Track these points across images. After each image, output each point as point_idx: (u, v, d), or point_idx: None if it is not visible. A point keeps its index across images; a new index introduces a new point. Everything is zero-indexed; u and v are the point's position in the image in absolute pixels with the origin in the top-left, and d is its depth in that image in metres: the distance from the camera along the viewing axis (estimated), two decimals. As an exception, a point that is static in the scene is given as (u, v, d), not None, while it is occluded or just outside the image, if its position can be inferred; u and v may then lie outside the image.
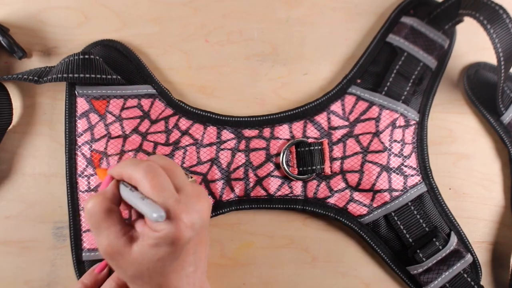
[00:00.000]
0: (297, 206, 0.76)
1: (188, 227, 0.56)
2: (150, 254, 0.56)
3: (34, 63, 0.78)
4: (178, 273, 0.60)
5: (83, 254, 0.74)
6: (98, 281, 0.72)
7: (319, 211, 0.76)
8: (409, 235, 0.75)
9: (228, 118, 0.76)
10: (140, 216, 0.60)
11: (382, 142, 0.75)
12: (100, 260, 0.74)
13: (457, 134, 0.80)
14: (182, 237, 0.56)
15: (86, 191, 0.74)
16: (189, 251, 0.60)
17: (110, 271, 0.72)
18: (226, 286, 0.78)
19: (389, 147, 0.75)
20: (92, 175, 0.74)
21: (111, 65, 0.75)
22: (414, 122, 0.77)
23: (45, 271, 0.77)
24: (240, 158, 0.76)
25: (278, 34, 0.80)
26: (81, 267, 0.75)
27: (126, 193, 0.59)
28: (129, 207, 0.62)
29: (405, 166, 0.76)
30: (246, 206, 0.76)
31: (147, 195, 0.56)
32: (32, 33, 0.78)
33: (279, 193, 0.76)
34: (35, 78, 0.72)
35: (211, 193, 0.76)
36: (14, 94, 0.77)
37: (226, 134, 0.76)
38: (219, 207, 0.76)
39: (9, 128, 0.76)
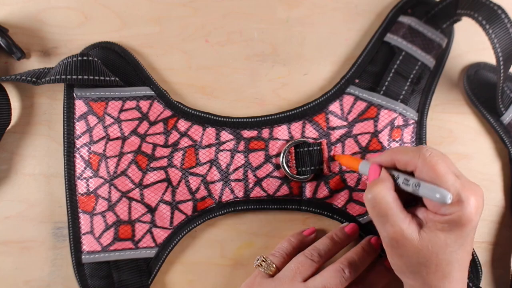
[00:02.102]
0: (297, 206, 0.76)
1: (476, 210, 0.56)
2: (440, 240, 0.57)
3: (33, 63, 0.78)
4: (460, 263, 0.59)
5: (83, 256, 0.74)
6: (304, 243, 0.74)
7: (319, 211, 0.76)
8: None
9: (227, 119, 0.76)
10: (417, 202, 0.62)
11: (380, 142, 0.75)
12: (100, 263, 0.74)
13: (457, 134, 0.80)
14: (472, 219, 0.56)
15: (85, 193, 0.74)
16: (470, 239, 0.59)
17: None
18: (226, 286, 0.78)
19: (387, 147, 0.75)
20: (90, 177, 0.74)
21: (109, 67, 0.75)
22: (412, 121, 0.77)
23: (45, 271, 0.77)
24: (239, 159, 0.76)
25: (278, 34, 0.80)
26: (81, 269, 0.74)
27: (401, 178, 0.60)
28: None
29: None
30: (245, 207, 0.76)
31: (429, 179, 0.57)
32: (31, 33, 0.78)
33: (278, 193, 0.76)
34: (34, 79, 0.72)
35: (211, 194, 0.76)
36: (13, 95, 0.77)
37: (225, 135, 0.76)
38: (218, 208, 0.76)
39: (8, 128, 0.76)
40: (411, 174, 0.61)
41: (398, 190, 0.61)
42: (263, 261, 0.71)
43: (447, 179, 0.56)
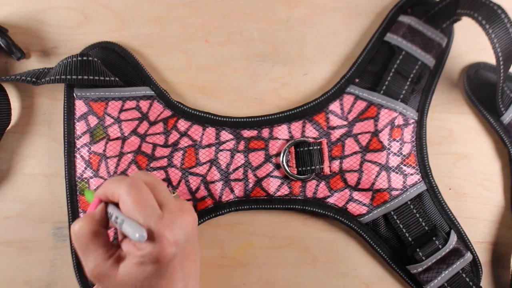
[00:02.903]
0: (297, 206, 0.76)
1: (171, 244, 0.55)
2: (136, 273, 0.56)
3: (33, 63, 0.78)
4: None
5: (83, 256, 0.74)
6: None
7: (319, 211, 0.76)
8: (408, 234, 0.75)
9: (227, 119, 0.76)
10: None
11: (381, 141, 0.75)
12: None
13: (457, 134, 0.80)
14: (166, 254, 0.55)
15: (85, 193, 0.74)
16: (176, 268, 0.59)
17: None
18: (226, 286, 0.78)
19: (388, 146, 0.75)
20: (91, 177, 0.74)
21: (109, 67, 0.75)
22: (413, 120, 0.77)
23: (45, 271, 0.77)
24: (239, 159, 0.76)
25: (278, 34, 0.80)
26: (81, 269, 0.75)
27: (113, 215, 0.58)
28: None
29: (404, 165, 0.76)
30: (245, 207, 0.76)
31: (129, 211, 0.56)
32: (31, 33, 0.78)
33: (278, 193, 0.76)
34: (33, 79, 0.72)
35: (211, 194, 0.76)
36: (13, 95, 0.77)
37: (225, 135, 0.76)
38: (218, 208, 0.76)
39: (8, 128, 0.77)
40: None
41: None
42: None
43: (142, 212, 0.55)
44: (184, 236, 0.57)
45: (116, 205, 0.59)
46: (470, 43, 0.81)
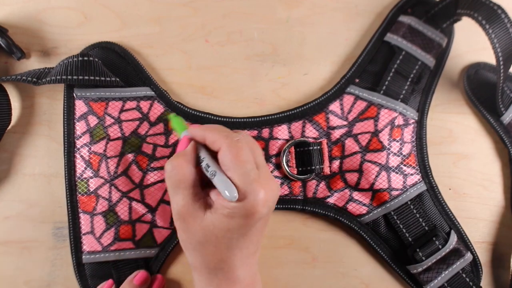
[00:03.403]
0: (297, 206, 0.76)
1: (263, 204, 0.56)
2: (222, 224, 0.57)
3: (33, 63, 0.78)
4: (242, 250, 0.59)
5: (83, 256, 0.74)
6: None
7: (319, 211, 0.76)
8: (408, 234, 0.75)
9: (227, 119, 0.76)
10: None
11: (381, 141, 0.75)
12: (100, 263, 0.75)
13: (457, 134, 0.80)
14: (256, 211, 0.56)
15: (86, 193, 0.74)
16: (258, 230, 0.59)
17: None
18: (226, 286, 0.78)
19: (388, 146, 0.75)
20: (91, 177, 0.74)
21: (110, 67, 0.75)
22: (413, 121, 0.77)
23: (45, 271, 0.77)
24: (240, 159, 0.76)
25: (278, 34, 0.80)
26: (81, 269, 0.75)
27: (205, 161, 0.59)
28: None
29: (404, 165, 0.76)
30: (246, 207, 0.76)
31: (227, 164, 0.57)
32: (31, 33, 0.78)
33: (278, 193, 0.76)
34: (34, 79, 0.72)
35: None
36: (13, 95, 0.77)
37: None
38: (219, 208, 0.76)
39: (9, 128, 0.76)
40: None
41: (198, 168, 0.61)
42: None
43: (242, 167, 0.56)
44: (274, 201, 0.59)
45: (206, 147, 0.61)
46: (470, 43, 0.81)
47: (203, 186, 0.61)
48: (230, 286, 0.60)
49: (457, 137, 0.80)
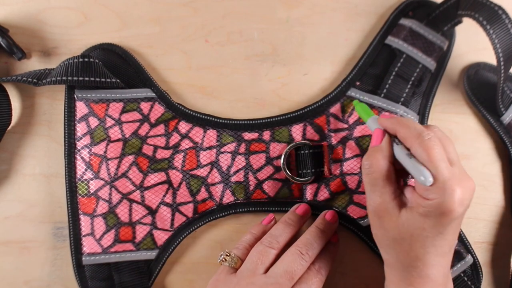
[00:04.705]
0: (297, 209, 0.76)
1: (459, 202, 0.56)
2: (417, 223, 0.57)
3: (33, 63, 0.78)
4: (437, 249, 0.59)
5: (83, 258, 0.74)
6: (266, 232, 0.74)
7: (319, 213, 0.76)
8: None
9: (228, 121, 0.76)
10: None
11: (381, 144, 0.75)
12: (100, 265, 0.74)
13: (457, 134, 0.80)
14: (453, 210, 0.56)
15: (86, 195, 0.74)
16: (452, 230, 0.59)
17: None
18: (226, 286, 0.78)
19: (388, 149, 0.75)
20: (91, 179, 0.74)
21: (110, 69, 0.75)
22: (414, 124, 0.77)
23: (45, 271, 0.77)
24: (240, 161, 0.76)
25: (278, 34, 0.80)
26: (81, 271, 0.75)
27: (398, 152, 0.60)
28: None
29: (405, 167, 0.76)
30: (246, 209, 0.76)
31: (421, 161, 0.57)
32: (32, 33, 0.78)
33: (279, 196, 0.76)
34: (34, 80, 0.72)
35: (211, 196, 0.76)
36: (13, 95, 0.77)
37: (226, 137, 0.76)
38: (219, 210, 0.76)
39: (9, 128, 0.76)
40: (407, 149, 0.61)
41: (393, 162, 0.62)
42: (226, 255, 0.71)
43: (438, 165, 0.56)
44: (470, 199, 0.59)
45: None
46: (470, 43, 0.80)
47: (397, 183, 0.62)
48: (422, 284, 0.61)
49: (457, 137, 0.80)
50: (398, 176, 0.63)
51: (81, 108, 0.74)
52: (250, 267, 0.68)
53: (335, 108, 0.76)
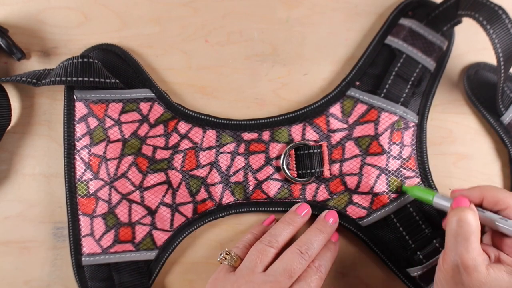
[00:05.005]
0: (297, 209, 0.76)
1: None
2: (504, 281, 0.57)
3: (33, 64, 0.78)
4: None
5: (83, 258, 0.74)
6: (266, 232, 0.73)
7: (319, 213, 0.76)
8: (408, 237, 0.74)
9: (227, 121, 0.76)
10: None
11: (381, 145, 0.75)
12: (100, 265, 0.74)
13: (457, 134, 0.80)
14: None
15: (85, 195, 0.74)
16: None
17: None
18: (226, 286, 0.78)
19: (388, 150, 0.75)
20: (91, 179, 0.74)
21: (110, 69, 0.75)
22: (413, 124, 0.77)
23: (45, 271, 0.77)
24: (240, 162, 0.76)
25: (278, 34, 0.80)
26: (80, 271, 0.75)
27: (486, 215, 0.62)
28: None
29: (404, 168, 0.76)
30: (246, 210, 0.76)
31: None
32: (31, 33, 0.78)
33: (278, 196, 0.76)
34: (34, 80, 0.72)
35: (211, 196, 0.76)
36: (13, 95, 0.77)
37: (226, 138, 0.76)
38: (219, 210, 0.76)
39: (8, 128, 0.76)
40: (496, 212, 0.63)
41: None
42: (226, 254, 0.71)
43: None
44: None
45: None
46: (470, 43, 0.80)
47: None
48: None
49: (457, 137, 0.80)
50: None
51: (80, 109, 0.74)
52: (249, 266, 0.68)
53: (334, 108, 0.76)
